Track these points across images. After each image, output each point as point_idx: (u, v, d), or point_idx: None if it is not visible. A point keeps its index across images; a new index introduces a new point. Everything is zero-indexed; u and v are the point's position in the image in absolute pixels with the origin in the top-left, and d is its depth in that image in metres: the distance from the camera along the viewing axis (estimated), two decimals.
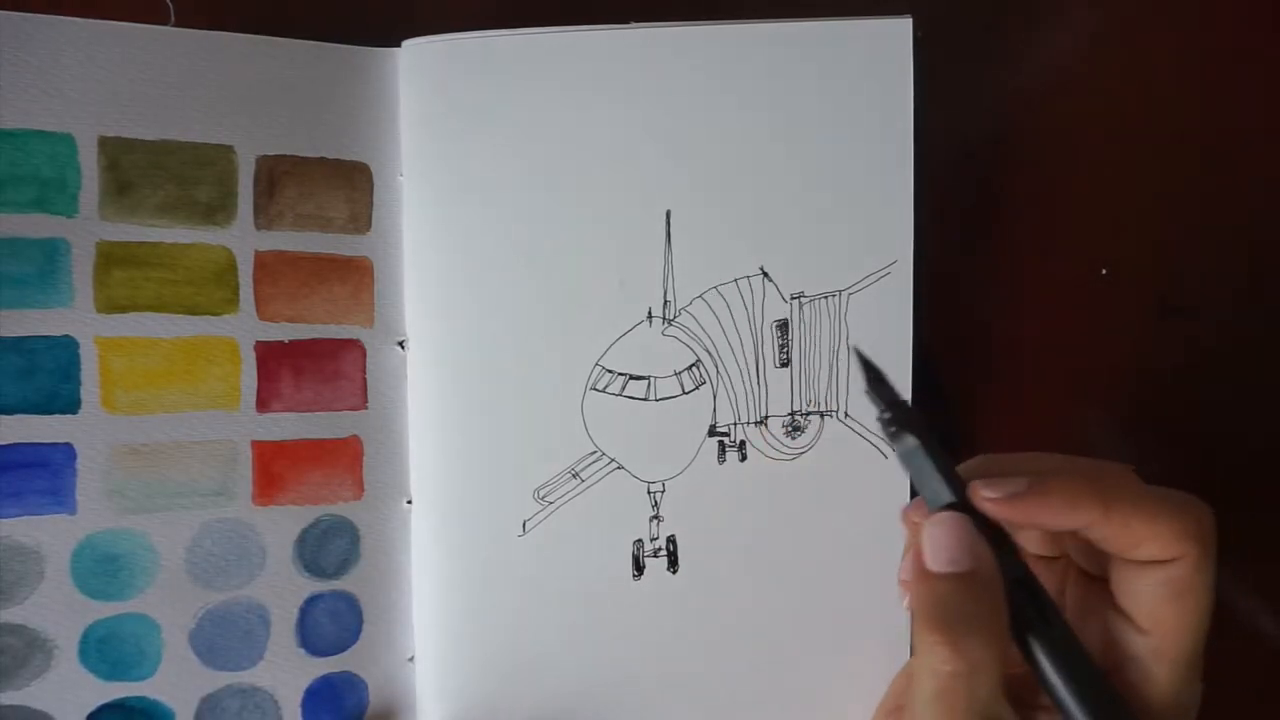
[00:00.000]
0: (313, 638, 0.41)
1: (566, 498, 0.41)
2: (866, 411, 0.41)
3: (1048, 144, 0.45)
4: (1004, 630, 0.29)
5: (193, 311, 0.39)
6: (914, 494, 0.41)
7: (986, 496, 0.30)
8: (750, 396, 0.41)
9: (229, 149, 0.40)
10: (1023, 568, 0.30)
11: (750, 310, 0.41)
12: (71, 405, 0.38)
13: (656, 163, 0.40)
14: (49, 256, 0.38)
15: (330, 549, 0.41)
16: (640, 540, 0.41)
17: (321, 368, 0.41)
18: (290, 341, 0.40)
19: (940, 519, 0.30)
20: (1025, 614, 0.29)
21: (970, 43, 0.45)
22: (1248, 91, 0.46)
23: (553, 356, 0.40)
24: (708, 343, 0.41)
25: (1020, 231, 0.45)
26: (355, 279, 0.41)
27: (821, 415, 0.41)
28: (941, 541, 0.29)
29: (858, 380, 0.35)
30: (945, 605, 0.28)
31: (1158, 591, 0.29)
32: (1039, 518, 0.30)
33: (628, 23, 0.40)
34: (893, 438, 0.32)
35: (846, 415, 0.41)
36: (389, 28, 0.41)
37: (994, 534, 0.30)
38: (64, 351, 0.38)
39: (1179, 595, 0.29)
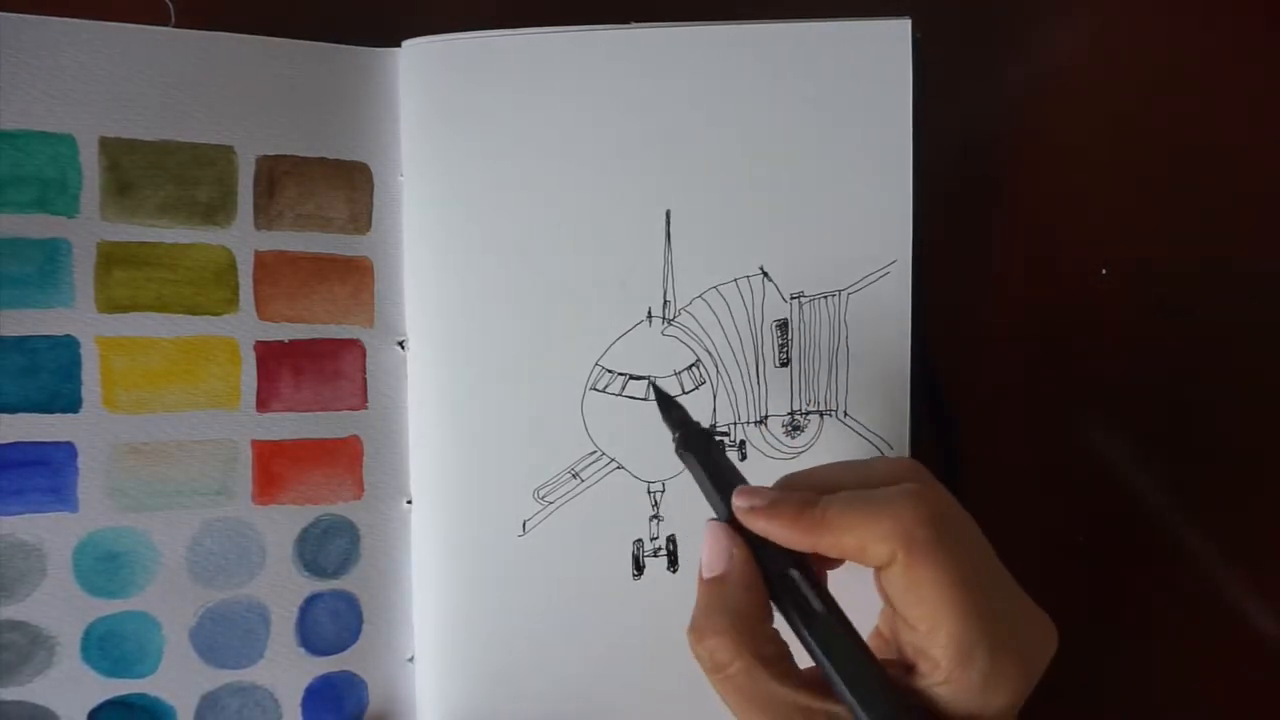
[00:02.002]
0: (313, 637, 0.41)
1: (566, 498, 0.41)
2: (866, 411, 0.41)
3: (1048, 144, 0.45)
4: (751, 625, 0.31)
5: (193, 311, 0.40)
6: None
7: (737, 504, 0.33)
8: (750, 396, 0.41)
9: (229, 149, 0.40)
10: (791, 563, 0.32)
11: (750, 310, 0.41)
12: (73, 404, 0.39)
13: (656, 163, 0.40)
14: (50, 257, 0.38)
15: (330, 548, 0.41)
16: (640, 540, 0.41)
17: (321, 368, 0.41)
18: (290, 341, 0.40)
19: (708, 529, 0.33)
20: (788, 606, 0.32)
21: (970, 43, 0.45)
22: (1248, 92, 0.46)
23: (553, 356, 0.41)
24: (708, 342, 0.41)
25: (1020, 231, 0.45)
26: (355, 279, 0.41)
27: (821, 414, 0.41)
28: (707, 550, 0.33)
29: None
30: (698, 607, 0.32)
31: (896, 591, 0.31)
32: (773, 535, 0.32)
33: (628, 23, 0.40)
34: (681, 457, 0.35)
35: (846, 414, 0.41)
36: (389, 28, 0.41)
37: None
38: (65, 351, 0.38)
39: (910, 591, 0.30)
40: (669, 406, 0.37)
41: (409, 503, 0.42)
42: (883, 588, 0.32)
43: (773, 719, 0.31)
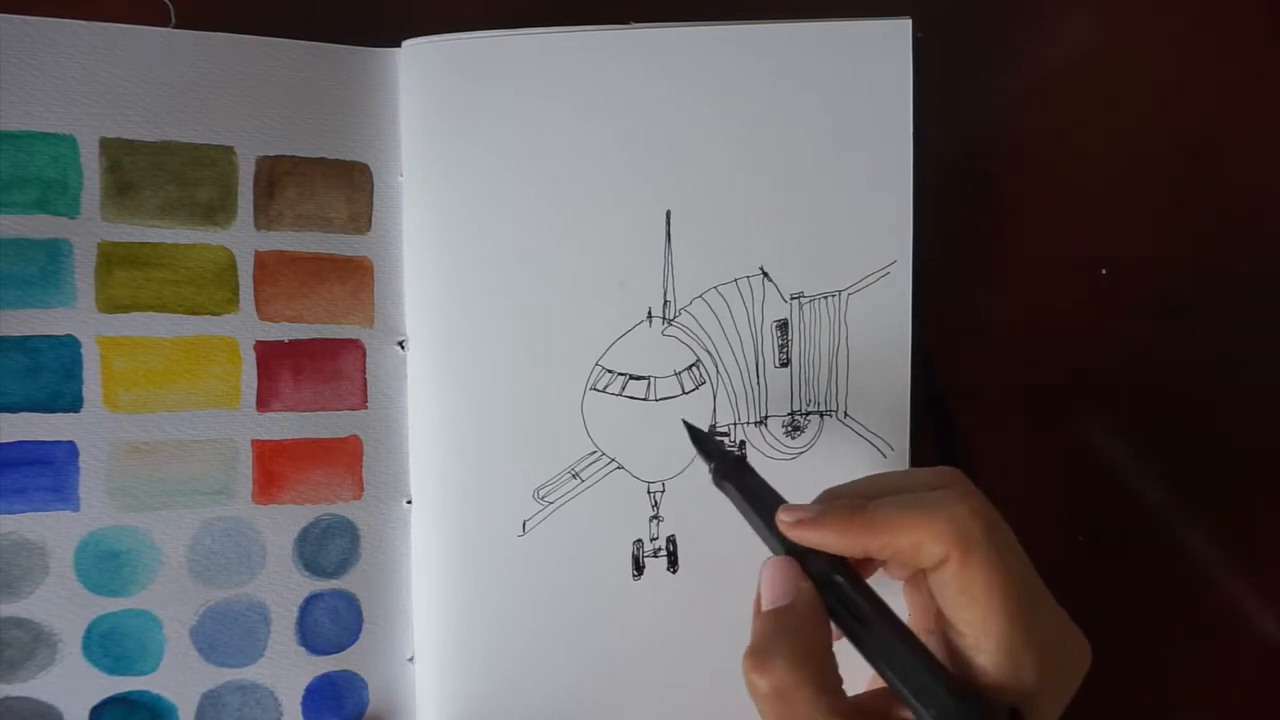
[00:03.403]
0: (313, 636, 0.41)
1: (566, 498, 0.41)
2: (866, 411, 0.41)
3: (1048, 144, 0.45)
4: (816, 651, 0.31)
5: (193, 311, 0.40)
6: None
7: (783, 520, 0.33)
8: (750, 396, 0.41)
9: (229, 149, 0.40)
10: (836, 570, 0.32)
11: (750, 310, 0.41)
12: (74, 404, 0.39)
13: (656, 163, 0.40)
14: (51, 257, 0.38)
15: (330, 548, 0.41)
16: (640, 540, 0.41)
17: (321, 367, 0.41)
18: (290, 341, 0.41)
19: (769, 564, 0.33)
20: (843, 620, 0.32)
21: (970, 43, 0.45)
22: (1247, 92, 0.46)
23: (553, 356, 0.41)
24: (708, 343, 0.41)
25: (1020, 232, 0.45)
26: (355, 279, 0.41)
27: (821, 415, 0.41)
28: (768, 584, 0.33)
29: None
30: (759, 636, 0.32)
31: (948, 593, 0.31)
32: (823, 542, 0.32)
33: (627, 23, 0.40)
34: (719, 487, 0.36)
35: (846, 415, 0.41)
36: (389, 28, 0.41)
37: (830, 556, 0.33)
38: (66, 351, 0.39)
39: (963, 593, 0.30)
40: (701, 439, 0.37)
41: (409, 503, 0.42)
42: (920, 596, 0.32)
43: None
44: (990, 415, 0.45)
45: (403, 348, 0.42)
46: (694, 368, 0.41)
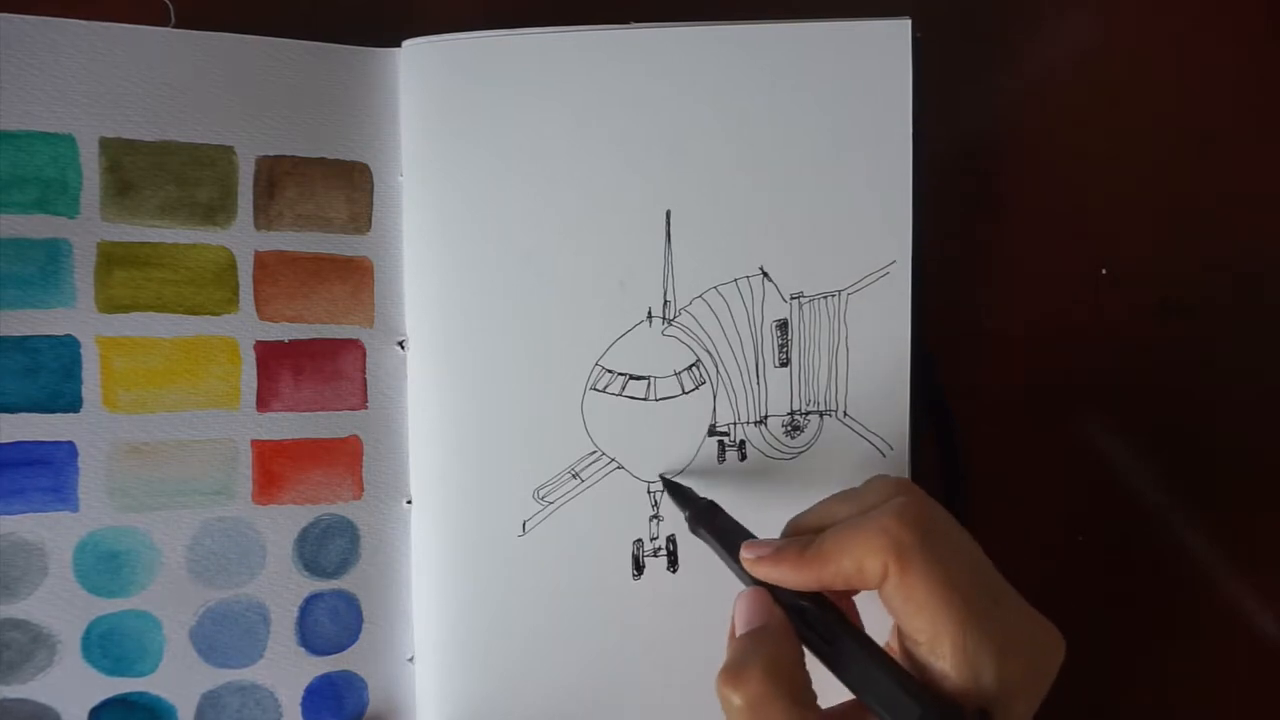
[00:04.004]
0: (313, 637, 0.41)
1: (566, 498, 0.41)
2: (866, 411, 0.41)
3: (1048, 144, 0.45)
4: (788, 667, 0.32)
5: (193, 311, 0.40)
6: None
7: (744, 557, 0.34)
8: (750, 396, 0.41)
9: (229, 149, 0.40)
10: (805, 600, 0.33)
11: (750, 310, 0.41)
12: (73, 404, 0.39)
13: (656, 163, 0.40)
14: (51, 257, 0.38)
15: (330, 548, 0.41)
16: (640, 540, 0.41)
17: (321, 367, 0.41)
18: (290, 341, 0.41)
19: (742, 595, 0.34)
20: (813, 643, 0.33)
21: (970, 43, 0.45)
22: (1248, 91, 0.46)
23: (553, 356, 0.41)
24: (708, 343, 0.41)
25: (1020, 232, 0.45)
26: (355, 279, 0.41)
27: (821, 415, 0.41)
28: (741, 612, 0.34)
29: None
30: (733, 656, 0.32)
31: (896, 607, 0.31)
32: (782, 580, 0.33)
33: (627, 23, 0.40)
34: (696, 534, 0.38)
35: (846, 415, 0.41)
36: (389, 28, 0.41)
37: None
38: (66, 351, 0.39)
39: (908, 602, 0.31)
40: (675, 490, 0.39)
41: (409, 503, 0.42)
42: (886, 607, 0.32)
43: None
44: (990, 415, 0.45)
45: (403, 348, 0.42)
46: (694, 368, 0.41)
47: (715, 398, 0.41)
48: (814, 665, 0.33)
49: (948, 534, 0.32)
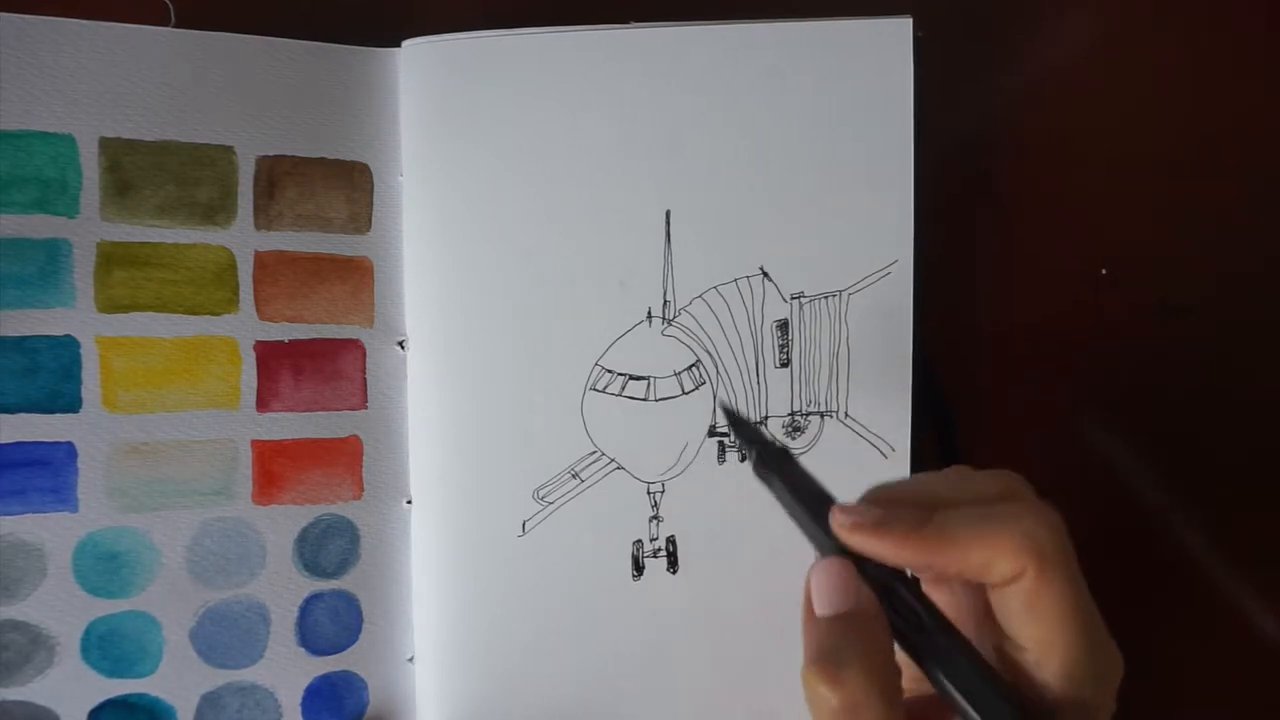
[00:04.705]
0: (313, 637, 0.41)
1: (566, 498, 0.41)
2: (867, 412, 0.41)
3: (1048, 144, 0.45)
4: (886, 663, 0.29)
5: (193, 311, 0.40)
6: None
7: (839, 522, 0.30)
8: (750, 397, 0.41)
9: (229, 149, 0.40)
10: (893, 578, 0.31)
11: (750, 310, 0.41)
12: (73, 404, 0.39)
13: (656, 163, 0.40)
14: (50, 257, 0.38)
15: (330, 548, 0.41)
16: (640, 540, 0.41)
17: (321, 368, 0.41)
18: (290, 341, 0.41)
19: (822, 566, 0.31)
20: (898, 627, 0.30)
21: (970, 43, 0.45)
22: (1247, 91, 0.46)
23: (553, 356, 0.41)
24: (708, 343, 0.41)
25: (1020, 231, 0.45)
26: (355, 279, 0.41)
27: (821, 415, 0.41)
28: (824, 587, 0.30)
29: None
30: (825, 645, 0.30)
31: (1014, 609, 0.30)
32: (882, 554, 0.30)
33: (627, 23, 0.40)
34: (762, 478, 0.33)
35: (846, 415, 0.41)
36: (389, 28, 0.41)
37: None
38: (65, 351, 0.38)
39: (1032, 609, 0.29)
40: (741, 425, 0.35)
41: (409, 503, 0.42)
42: (976, 604, 0.31)
43: None
44: (990, 415, 0.45)
45: (403, 348, 0.41)
46: (694, 368, 0.41)
47: (715, 398, 0.41)
48: None
49: (1071, 546, 0.30)
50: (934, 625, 0.30)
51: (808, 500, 0.32)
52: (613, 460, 0.41)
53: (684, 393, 0.41)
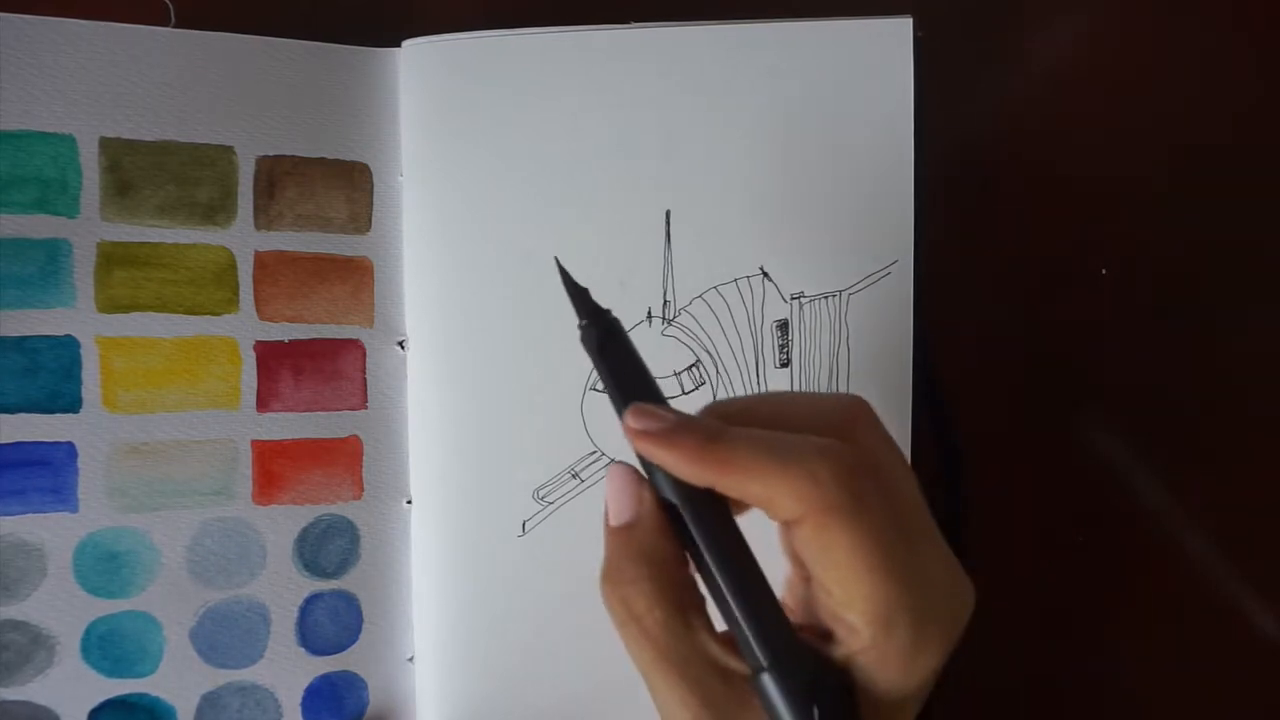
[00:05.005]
0: (313, 637, 0.41)
1: (566, 498, 0.41)
2: None
3: (1048, 144, 0.45)
4: (672, 570, 0.28)
5: (193, 311, 0.40)
6: None
7: (629, 424, 0.29)
8: None
9: (229, 149, 0.40)
10: (687, 498, 0.29)
11: (750, 310, 0.41)
12: (73, 404, 0.39)
13: (656, 163, 0.40)
14: (51, 257, 0.38)
15: (330, 548, 0.41)
16: None
17: (321, 368, 0.41)
18: (290, 341, 0.41)
19: (610, 473, 0.30)
20: (687, 550, 0.29)
21: (970, 43, 0.45)
22: (1248, 91, 0.46)
23: (552, 356, 0.41)
24: (708, 343, 0.41)
25: (1020, 231, 0.45)
26: (355, 279, 0.41)
27: None
28: (610, 494, 0.29)
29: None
30: (610, 557, 0.29)
31: (808, 552, 0.28)
32: (668, 465, 0.28)
33: (627, 23, 0.40)
34: (587, 351, 0.31)
35: None
36: (389, 28, 0.41)
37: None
38: (65, 351, 0.38)
39: (824, 553, 0.27)
40: (571, 287, 0.31)
41: (409, 503, 0.42)
42: (792, 545, 0.29)
43: (685, 678, 0.28)
44: (990, 415, 0.45)
45: (403, 348, 0.41)
46: (694, 368, 0.41)
47: (715, 398, 0.41)
48: None
49: (881, 481, 0.28)
50: (712, 556, 0.28)
51: (623, 389, 0.30)
52: (613, 460, 0.41)
53: (684, 393, 0.41)
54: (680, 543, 0.29)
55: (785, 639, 0.28)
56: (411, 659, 0.42)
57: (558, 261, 0.32)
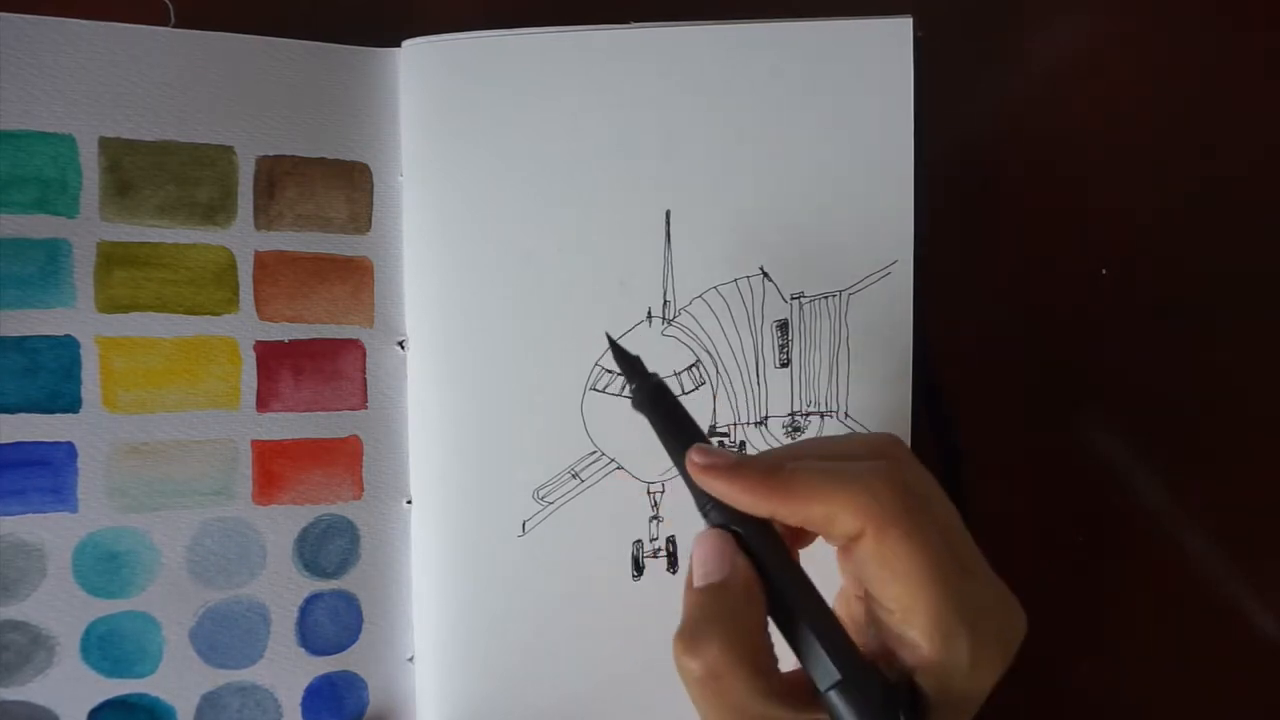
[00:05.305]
0: (313, 637, 0.41)
1: (566, 498, 0.41)
2: (867, 412, 0.41)
3: (1048, 144, 0.45)
4: (751, 633, 0.30)
5: (193, 311, 0.40)
6: None
7: (695, 461, 0.31)
8: (750, 397, 0.41)
9: (229, 149, 0.40)
10: (750, 528, 0.31)
11: (750, 310, 0.41)
12: (73, 404, 0.39)
13: (656, 163, 0.40)
14: (51, 257, 0.38)
15: (330, 548, 0.41)
16: (640, 540, 0.41)
17: (321, 368, 0.41)
18: (290, 341, 0.41)
19: (701, 537, 0.31)
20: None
21: (971, 42, 0.45)
22: (1249, 91, 0.46)
23: (553, 356, 0.41)
24: (708, 343, 0.41)
25: (1020, 232, 0.45)
26: (355, 279, 0.41)
27: (822, 416, 0.41)
28: (700, 555, 0.31)
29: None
30: (691, 616, 0.30)
31: (868, 570, 0.29)
32: (732, 498, 0.30)
33: (627, 23, 0.40)
34: (639, 409, 0.34)
35: (847, 416, 0.41)
36: (389, 28, 0.41)
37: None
38: (65, 351, 0.38)
39: (884, 568, 0.29)
40: (621, 355, 0.35)
41: (409, 503, 0.42)
42: (851, 566, 0.31)
43: None
44: (990, 415, 0.45)
45: (403, 348, 0.41)
46: (694, 368, 0.41)
47: (715, 398, 0.41)
48: None
49: (929, 500, 0.30)
50: (780, 577, 0.30)
51: (678, 438, 0.32)
52: (613, 460, 0.41)
53: (684, 393, 0.41)
54: (764, 608, 0.30)
55: (856, 656, 0.29)
56: (411, 659, 0.42)
57: (609, 336, 0.36)
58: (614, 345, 0.35)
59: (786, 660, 0.31)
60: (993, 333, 0.45)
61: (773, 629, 0.31)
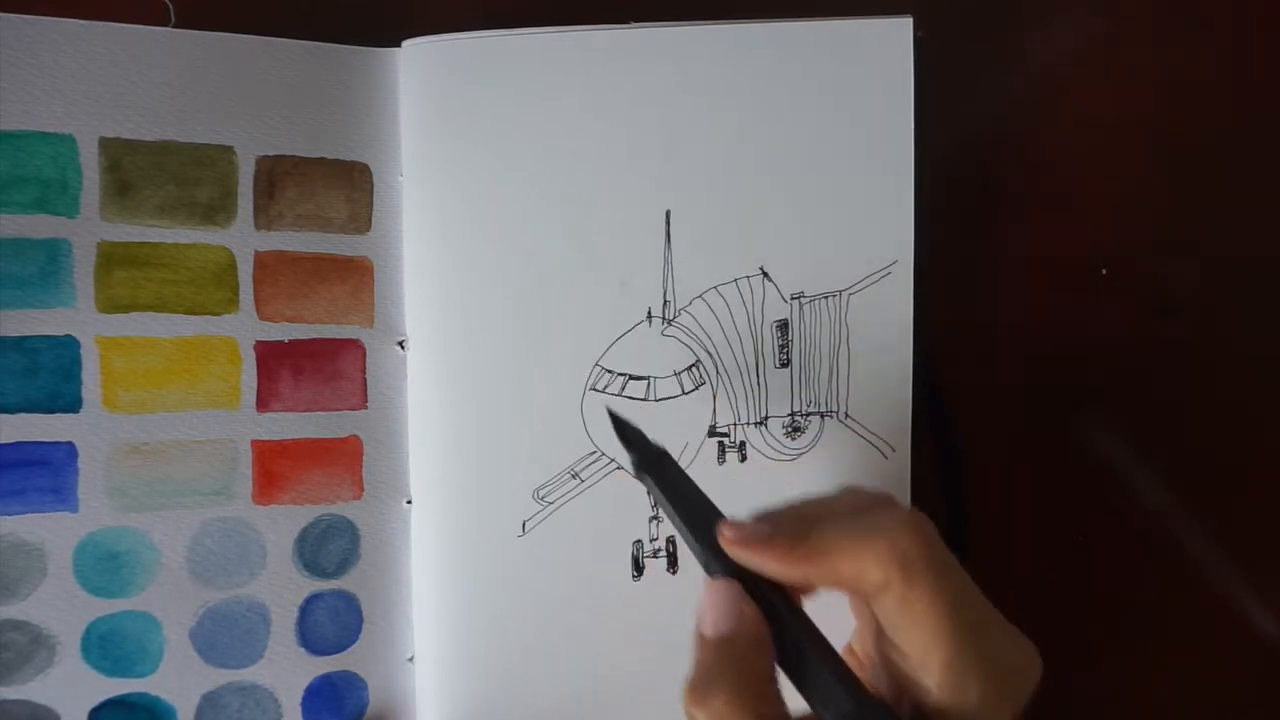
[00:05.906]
0: (313, 637, 0.41)
1: (566, 498, 0.41)
2: (867, 412, 0.41)
3: (1048, 144, 0.45)
4: (760, 685, 0.30)
5: (193, 311, 0.40)
6: (916, 497, 0.41)
7: (727, 537, 0.32)
8: (750, 397, 0.41)
9: (229, 149, 0.40)
10: (777, 597, 0.31)
11: (750, 310, 0.41)
12: (73, 404, 0.39)
13: (656, 163, 0.40)
14: (51, 257, 0.38)
15: (330, 548, 0.41)
16: (640, 540, 0.41)
17: (321, 368, 0.41)
18: (290, 341, 0.41)
19: (710, 587, 0.32)
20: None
21: (971, 42, 0.45)
22: (1249, 91, 0.46)
23: (553, 356, 0.41)
24: (708, 343, 0.41)
25: (1020, 231, 0.45)
26: (355, 279, 0.41)
27: (822, 416, 0.41)
28: (709, 606, 0.32)
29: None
30: (700, 666, 0.31)
31: (891, 619, 0.30)
32: (766, 569, 0.31)
33: (627, 23, 0.40)
34: (640, 480, 0.35)
35: (847, 416, 0.41)
36: (389, 28, 0.41)
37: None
38: (65, 351, 0.38)
39: (905, 617, 0.30)
40: (619, 425, 0.37)
41: (409, 503, 0.42)
42: (871, 614, 0.31)
43: None
44: (990, 415, 0.45)
45: (403, 348, 0.41)
46: (694, 368, 0.41)
47: (715, 398, 0.41)
48: None
49: (946, 553, 0.31)
50: (801, 634, 0.31)
51: (685, 505, 0.34)
52: (613, 460, 0.41)
53: (684, 393, 0.41)
54: (773, 657, 0.31)
55: (867, 695, 0.30)
56: (411, 659, 0.42)
57: (610, 411, 0.37)
58: (615, 418, 0.37)
59: (794, 706, 0.31)
60: (993, 333, 0.45)
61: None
